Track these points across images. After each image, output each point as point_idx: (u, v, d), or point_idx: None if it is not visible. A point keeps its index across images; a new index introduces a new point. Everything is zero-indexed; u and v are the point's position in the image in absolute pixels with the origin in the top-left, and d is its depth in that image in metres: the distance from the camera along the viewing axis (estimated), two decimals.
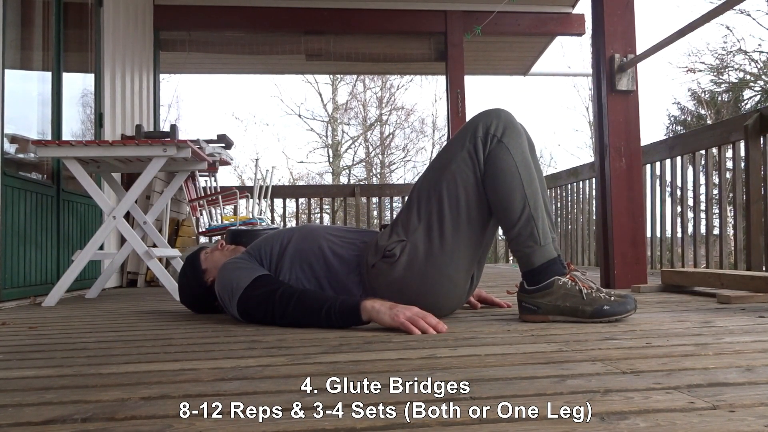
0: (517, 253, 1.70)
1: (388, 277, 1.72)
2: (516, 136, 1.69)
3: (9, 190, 2.93)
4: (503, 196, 1.66)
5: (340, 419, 0.77)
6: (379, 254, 1.73)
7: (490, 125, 1.69)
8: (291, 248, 1.84)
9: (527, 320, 1.70)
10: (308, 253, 1.82)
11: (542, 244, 1.65)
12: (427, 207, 1.72)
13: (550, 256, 1.67)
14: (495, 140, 1.68)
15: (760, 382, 0.92)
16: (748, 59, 14.90)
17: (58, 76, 3.60)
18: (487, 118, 1.71)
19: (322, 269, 1.80)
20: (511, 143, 1.68)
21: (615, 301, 1.61)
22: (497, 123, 1.69)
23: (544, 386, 0.92)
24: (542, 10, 5.85)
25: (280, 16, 5.56)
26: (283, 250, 1.84)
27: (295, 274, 1.81)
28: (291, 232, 1.90)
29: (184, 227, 4.93)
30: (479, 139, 1.69)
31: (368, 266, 1.76)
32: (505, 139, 1.67)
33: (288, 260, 1.82)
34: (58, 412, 0.85)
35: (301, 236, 1.87)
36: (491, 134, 1.68)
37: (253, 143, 25.36)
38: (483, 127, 1.69)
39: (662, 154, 4.16)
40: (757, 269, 3.10)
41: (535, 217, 1.65)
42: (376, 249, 1.75)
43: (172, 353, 1.33)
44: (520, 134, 1.71)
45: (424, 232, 1.71)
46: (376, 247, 1.76)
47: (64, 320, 2.13)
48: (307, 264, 1.81)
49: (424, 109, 29.73)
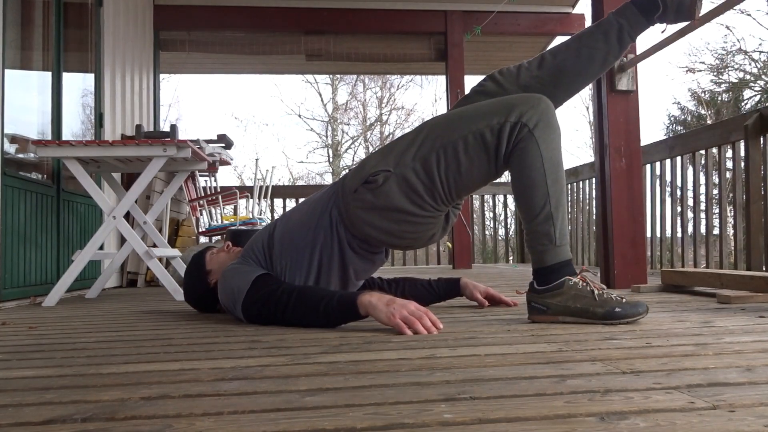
0: (532, 249, 1.68)
1: (366, 203, 1.72)
2: (549, 132, 1.63)
3: (9, 190, 2.93)
4: (525, 189, 1.64)
5: (340, 419, 0.77)
6: (362, 179, 1.73)
7: (525, 112, 1.63)
8: (278, 232, 1.86)
9: (536, 321, 1.68)
10: (292, 229, 1.84)
11: (558, 245, 1.63)
12: (426, 153, 1.69)
13: (564, 257, 1.64)
14: (525, 130, 1.62)
15: (760, 382, 0.92)
16: (748, 59, 14.91)
17: (58, 76, 3.60)
18: (525, 104, 1.64)
19: (302, 231, 1.82)
20: (542, 137, 1.62)
21: (627, 303, 1.59)
22: (533, 113, 1.63)
23: (544, 386, 0.92)
24: (542, 10, 5.85)
25: (280, 16, 5.56)
26: (271, 237, 1.86)
27: (288, 255, 1.81)
28: (275, 220, 1.94)
29: (184, 227, 4.93)
30: (509, 123, 1.63)
31: (346, 191, 1.76)
32: (536, 132, 1.61)
33: (278, 245, 1.83)
34: (58, 412, 0.85)
35: (284, 218, 1.90)
36: (523, 122, 1.62)
37: (253, 143, 25.38)
38: (518, 112, 1.63)
39: (662, 154, 4.16)
40: (757, 269, 3.10)
41: (555, 217, 1.63)
42: (360, 172, 1.75)
43: (172, 353, 1.33)
44: (553, 130, 1.65)
45: (412, 172, 1.69)
46: (361, 169, 1.76)
47: (64, 320, 2.13)
48: (295, 236, 1.82)
49: (424, 109, 29.76)
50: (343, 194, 1.78)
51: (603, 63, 1.83)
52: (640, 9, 1.81)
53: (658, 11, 1.80)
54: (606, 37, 1.81)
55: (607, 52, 1.82)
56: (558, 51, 1.85)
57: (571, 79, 1.83)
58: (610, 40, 1.81)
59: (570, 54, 1.82)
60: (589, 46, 1.81)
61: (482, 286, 2.13)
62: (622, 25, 1.81)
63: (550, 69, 1.82)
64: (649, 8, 1.80)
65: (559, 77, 1.82)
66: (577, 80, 1.84)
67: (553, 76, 1.82)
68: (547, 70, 1.82)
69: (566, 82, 1.83)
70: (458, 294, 2.14)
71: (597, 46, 1.81)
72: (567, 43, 1.86)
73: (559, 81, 1.83)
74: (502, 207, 7.12)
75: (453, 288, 2.13)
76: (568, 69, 1.81)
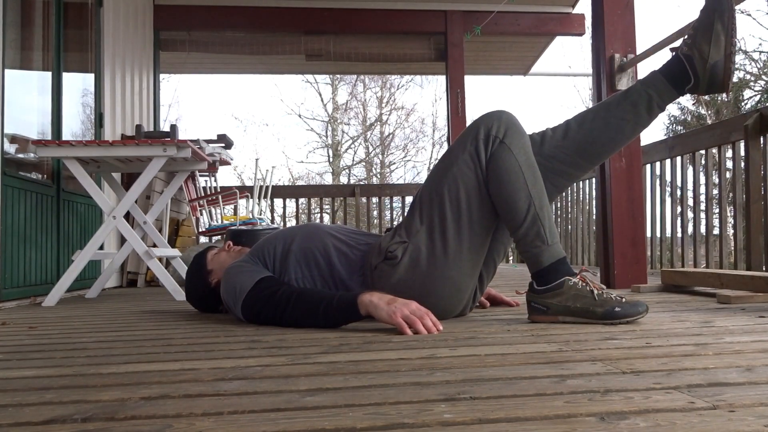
0: (525, 254, 1.68)
1: (390, 279, 1.72)
2: (518, 137, 1.69)
3: (9, 190, 2.93)
4: (507, 196, 1.65)
5: (340, 419, 0.77)
6: (382, 255, 1.74)
7: (491, 127, 1.69)
8: (296, 247, 1.83)
9: (536, 321, 1.68)
10: (314, 252, 1.82)
11: (550, 244, 1.64)
12: (429, 210, 1.72)
13: (559, 255, 1.65)
14: (497, 141, 1.67)
15: (760, 382, 0.92)
16: (748, 59, 14.90)
17: (58, 76, 3.60)
18: (489, 120, 1.71)
19: (326, 268, 1.80)
20: (513, 143, 1.67)
21: (626, 302, 1.60)
22: (498, 124, 1.69)
23: (544, 386, 0.92)
24: (542, 10, 5.85)
25: (280, 16, 5.56)
26: (288, 250, 1.83)
27: (301, 273, 1.81)
28: (294, 231, 1.90)
29: (184, 227, 4.93)
30: (481, 141, 1.68)
31: (371, 267, 1.76)
32: (507, 140, 1.67)
33: (293, 260, 1.82)
34: (58, 412, 0.85)
35: (305, 235, 1.87)
36: (493, 135, 1.68)
37: (253, 143, 25.38)
38: (485, 129, 1.69)
39: (662, 154, 4.16)
40: (757, 269, 3.10)
41: (542, 217, 1.64)
42: (379, 250, 1.76)
43: (172, 353, 1.33)
44: (522, 135, 1.70)
45: (426, 234, 1.71)
46: (379, 248, 1.76)
47: (64, 320, 2.13)
48: (314, 262, 1.81)
49: (424, 109, 29.79)
50: (370, 269, 1.77)
51: (632, 133, 1.78)
52: (670, 80, 1.72)
53: (689, 83, 1.72)
54: (635, 108, 1.75)
55: (636, 123, 1.76)
56: (584, 120, 1.79)
57: (599, 150, 1.79)
58: (639, 111, 1.75)
59: (597, 124, 1.77)
60: (617, 117, 1.75)
61: None
62: (651, 96, 1.73)
63: (576, 139, 1.78)
64: (680, 79, 1.72)
65: (586, 148, 1.78)
66: (603, 150, 1.80)
67: (579, 147, 1.78)
68: (573, 141, 1.78)
69: (593, 152, 1.79)
70: None
71: (626, 117, 1.75)
72: (594, 112, 1.80)
73: (585, 151, 1.78)
74: None
75: None
76: (595, 140, 1.77)
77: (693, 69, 1.69)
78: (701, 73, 1.69)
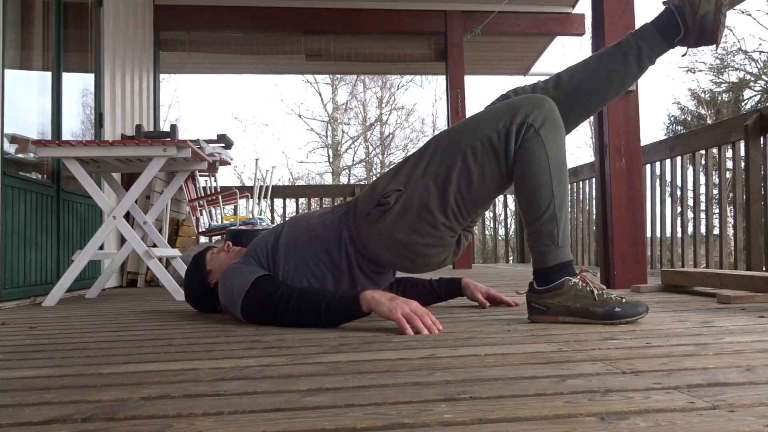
0: (533, 248, 1.67)
1: (378, 225, 1.72)
2: (554, 131, 1.64)
3: (9, 190, 2.93)
4: (530, 191, 1.63)
5: (340, 419, 0.77)
6: (374, 201, 1.73)
7: (530, 113, 1.63)
8: (284, 237, 1.85)
9: (536, 321, 1.68)
10: (299, 237, 1.83)
11: (560, 245, 1.63)
12: (436, 166, 1.69)
13: (565, 258, 1.64)
14: (531, 130, 1.62)
15: (760, 382, 0.92)
16: (748, 59, 14.91)
17: (58, 76, 3.60)
18: (530, 106, 1.64)
19: (310, 245, 1.81)
20: (548, 137, 1.62)
21: (627, 303, 1.60)
22: (538, 113, 1.63)
23: (544, 386, 0.92)
24: (542, 10, 5.85)
25: (280, 16, 5.56)
26: (276, 241, 1.85)
27: (292, 262, 1.81)
28: (282, 223, 1.93)
29: (184, 227, 4.93)
30: (515, 125, 1.63)
31: (358, 214, 1.76)
32: (542, 131, 1.62)
33: (283, 250, 1.83)
34: (58, 412, 0.85)
35: (291, 224, 1.90)
36: (528, 123, 1.62)
37: (252, 143, 25.40)
38: (523, 113, 1.64)
39: (662, 154, 4.16)
40: (757, 269, 3.10)
41: (558, 218, 1.62)
42: (372, 195, 1.75)
43: (172, 353, 1.33)
44: (559, 130, 1.65)
45: (424, 189, 1.69)
46: (372, 192, 1.76)
47: (64, 320, 2.13)
48: (301, 246, 1.82)
49: (424, 109, 29.78)
50: (355, 217, 1.77)
51: (621, 85, 1.79)
52: (661, 31, 1.75)
53: (679, 34, 1.73)
54: (625, 59, 1.76)
55: (625, 74, 1.77)
56: (575, 71, 1.81)
57: (588, 100, 1.80)
58: (629, 62, 1.76)
59: (588, 75, 1.78)
60: (607, 68, 1.77)
61: (483, 286, 2.13)
62: (641, 47, 1.75)
63: (567, 89, 1.78)
64: (670, 31, 1.74)
65: (576, 98, 1.79)
66: (593, 101, 1.81)
67: (569, 97, 1.78)
68: (564, 91, 1.78)
69: (583, 103, 1.80)
70: (459, 294, 2.14)
71: (615, 68, 1.76)
72: (585, 63, 1.82)
73: (576, 102, 1.79)
74: (502, 207, 7.12)
75: (454, 288, 2.13)
76: (585, 90, 1.78)
77: (683, 20, 1.71)
78: (691, 24, 1.71)
